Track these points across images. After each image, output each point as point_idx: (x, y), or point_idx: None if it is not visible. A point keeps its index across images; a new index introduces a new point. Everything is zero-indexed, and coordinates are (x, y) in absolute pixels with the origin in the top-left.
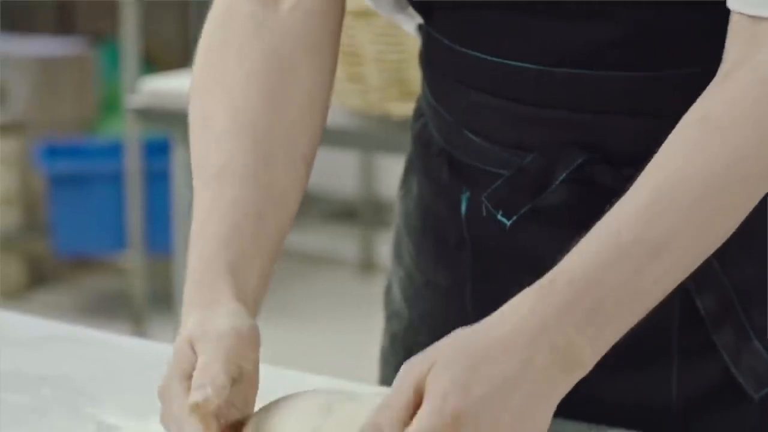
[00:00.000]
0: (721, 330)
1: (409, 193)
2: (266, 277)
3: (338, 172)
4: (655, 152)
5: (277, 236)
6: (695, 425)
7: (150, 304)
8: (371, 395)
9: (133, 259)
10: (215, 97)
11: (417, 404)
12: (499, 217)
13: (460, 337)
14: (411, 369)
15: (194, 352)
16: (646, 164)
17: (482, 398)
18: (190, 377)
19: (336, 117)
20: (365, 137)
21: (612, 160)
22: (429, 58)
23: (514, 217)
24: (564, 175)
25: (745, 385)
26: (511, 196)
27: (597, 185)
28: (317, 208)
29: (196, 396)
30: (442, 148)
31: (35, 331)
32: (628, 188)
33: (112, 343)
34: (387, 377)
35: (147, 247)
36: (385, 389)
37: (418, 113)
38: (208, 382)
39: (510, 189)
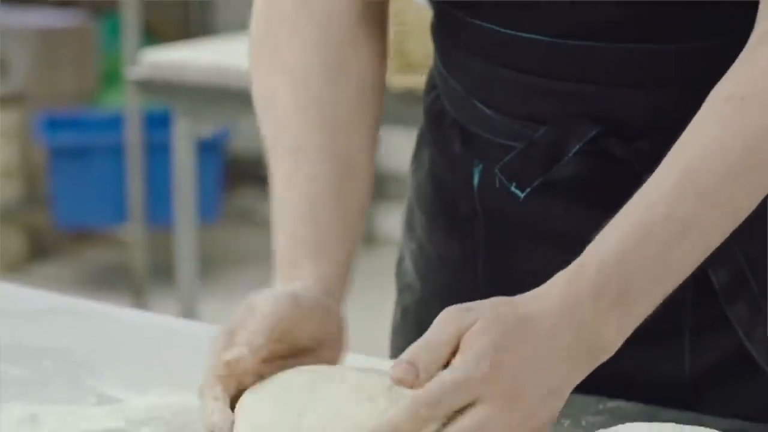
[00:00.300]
0: (735, 303)
1: (422, 166)
2: (351, 249)
3: None
4: (665, 125)
5: (357, 207)
6: (707, 398)
7: (150, 276)
8: (357, 373)
9: (133, 231)
10: (274, 73)
11: (452, 351)
12: (513, 189)
13: (499, 304)
14: (451, 317)
15: (250, 313)
16: (657, 137)
17: (510, 368)
18: (233, 334)
19: None
20: None
21: (621, 132)
22: (441, 30)
23: (528, 189)
24: (577, 147)
25: (758, 358)
26: (524, 168)
27: (609, 157)
28: None
29: (232, 353)
30: (454, 119)
31: (35, 304)
32: (641, 161)
33: (112, 316)
34: (398, 350)
35: (147, 219)
36: (369, 366)
37: (430, 85)
38: (245, 342)
39: (523, 161)
